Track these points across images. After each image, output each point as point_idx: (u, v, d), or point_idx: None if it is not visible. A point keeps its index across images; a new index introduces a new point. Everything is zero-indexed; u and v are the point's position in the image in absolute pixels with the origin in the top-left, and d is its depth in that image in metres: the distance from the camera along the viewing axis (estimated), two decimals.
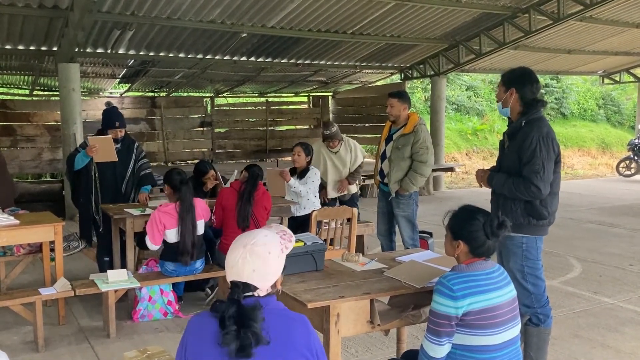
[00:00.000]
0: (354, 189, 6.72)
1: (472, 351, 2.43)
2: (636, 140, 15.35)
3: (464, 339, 2.43)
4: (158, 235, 4.63)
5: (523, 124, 3.39)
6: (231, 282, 1.86)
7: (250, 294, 1.84)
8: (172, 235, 4.65)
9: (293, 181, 5.81)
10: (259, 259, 1.85)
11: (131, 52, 9.86)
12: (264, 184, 5.45)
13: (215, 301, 1.85)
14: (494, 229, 2.50)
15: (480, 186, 3.67)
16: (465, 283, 2.41)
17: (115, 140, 5.40)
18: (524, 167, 3.32)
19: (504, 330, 2.45)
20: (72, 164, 5.40)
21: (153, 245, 4.66)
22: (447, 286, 2.41)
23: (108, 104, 5.83)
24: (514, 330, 2.51)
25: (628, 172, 15.39)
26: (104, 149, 5.26)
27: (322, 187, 6.37)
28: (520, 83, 3.43)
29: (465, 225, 2.55)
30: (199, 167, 6.07)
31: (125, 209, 5.10)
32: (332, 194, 6.52)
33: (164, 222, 4.62)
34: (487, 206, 3.32)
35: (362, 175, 7.06)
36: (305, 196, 5.90)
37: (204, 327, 1.83)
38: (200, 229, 4.79)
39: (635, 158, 15.21)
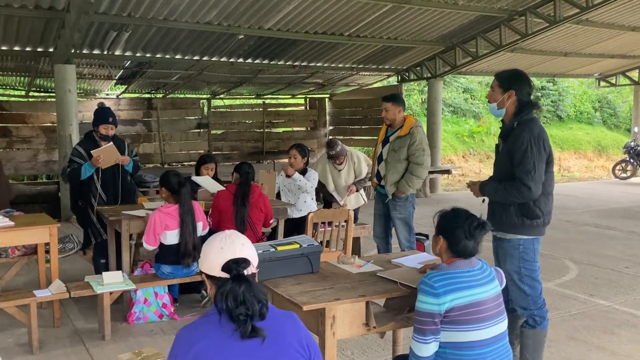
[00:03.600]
0: (364, 198, 6.77)
1: (461, 348, 2.48)
2: (632, 143, 15.40)
3: (452, 336, 2.48)
4: (153, 238, 4.61)
5: (515, 125, 3.41)
6: (226, 262, 1.85)
7: (248, 271, 1.87)
8: (172, 237, 4.64)
9: (297, 175, 5.83)
10: (243, 237, 1.95)
11: (128, 53, 9.84)
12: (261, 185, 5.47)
13: (215, 293, 1.84)
14: (472, 229, 2.57)
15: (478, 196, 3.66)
16: (447, 280, 2.48)
17: (106, 137, 5.41)
18: (515, 168, 3.34)
19: (491, 325, 2.50)
20: (77, 177, 5.38)
21: (148, 246, 4.64)
22: (428, 284, 2.49)
23: (101, 104, 5.85)
24: (501, 326, 2.56)
25: (624, 175, 15.44)
26: (109, 156, 5.32)
27: (329, 202, 6.40)
28: (518, 85, 3.44)
29: (447, 222, 2.65)
30: (203, 157, 6.19)
31: (124, 211, 5.08)
32: (350, 204, 6.53)
33: (166, 223, 4.59)
34: (480, 209, 3.33)
35: None
36: (306, 194, 5.91)
37: (202, 331, 1.81)
38: (199, 231, 4.78)
39: (631, 161, 15.25)
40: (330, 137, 6.19)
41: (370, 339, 4.29)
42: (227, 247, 1.88)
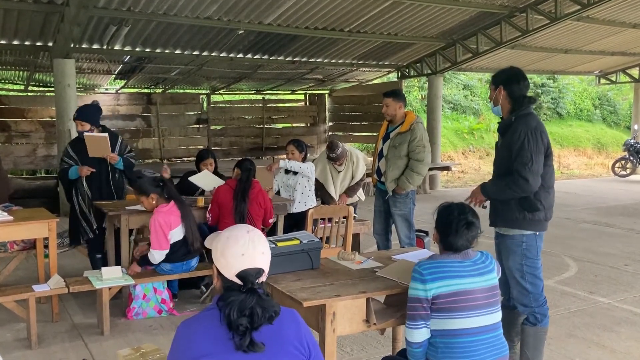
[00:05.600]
0: (362, 196, 6.76)
1: (450, 335, 2.54)
2: (631, 141, 15.39)
3: (440, 324, 2.55)
4: (165, 240, 4.54)
5: (513, 119, 3.43)
6: (241, 272, 1.81)
7: (260, 280, 1.83)
8: (177, 234, 4.60)
9: (283, 162, 5.83)
10: (264, 241, 1.89)
11: (127, 48, 9.80)
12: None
13: (219, 298, 1.80)
14: (459, 227, 2.63)
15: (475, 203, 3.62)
16: (435, 268, 2.57)
17: (80, 134, 5.34)
18: (513, 160, 3.36)
19: (480, 315, 2.56)
20: (65, 177, 5.42)
21: (161, 252, 4.54)
22: (418, 271, 2.59)
23: (94, 102, 5.82)
24: (493, 317, 2.61)
25: (623, 172, 15.43)
26: (99, 145, 5.26)
27: (326, 203, 6.38)
28: (507, 81, 3.49)
29: (440, 215, 2.74)
30: (201, 153, 6.18)
31: (126, 207, 5.06)
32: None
33: (170, 222, 4.56)
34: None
35: None
36: (304, 187, 5.90)
37: (202, 328, 1.79)
38: None
39: (631, 158, 15.24)
40: (331, 139, 6.19)
41: (370, 336, 4.28)
42: (248, 254, 1.82)
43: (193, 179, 5.69)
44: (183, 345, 1.79)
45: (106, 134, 5.32)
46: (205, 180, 5.67)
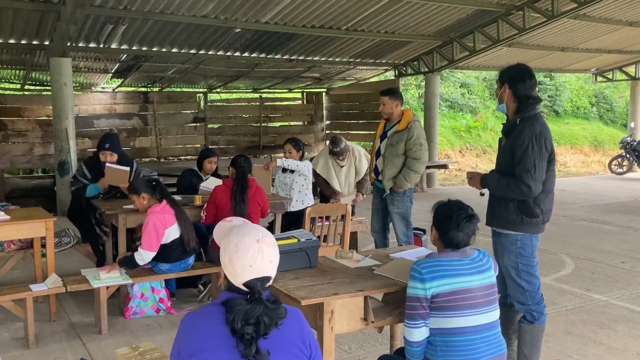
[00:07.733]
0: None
1: (449, 334, 2.54)
2: (628, 138, 15.42)
3: (440, 322, 2.55)
4: (156, 242, 4.50)
5: (518, 121, 3.38)
6: (248, 282, 1.79)
7: (266, 286, 1.83)
8: (173, 232, 4.59)
9: (281, 161, 5.83)
10: (274, 249, 1.86)
11: (124, 46, 9.79)
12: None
13: (225, 300, 1.79)
14: (460, 220, 2.63)
15: (472, 185, 3.65)
16: (434, 267, 2.57)
17: (104, 163, 5.32)
18: (516, 166, 3.32)
19: (479, 313, 2.56)
20: (82, 195, 5.38)
21: (149, 253, 4.49)
22: (417, 270, 2.57)
23: (111, 130, 5.84)
24: (491, 315, 2.61)
25: (620, 170, 15.46)
26: (117, 176, 5.28)
27: (326, 198, 6.36)
28: (513, 79, 3.44)
29: (439, 212, 2.73)
30: (205, 151, 6.18)
31: (124, 206, 5.07)
32: (346, 199, 6.49)
33: (164, 221, 4.55)
34: (478, 203, 3.33)
35: None
36: (302, 186, 5.89)
37: (206, 324, 1.79)
38: None
39: (627, 156, 15.27)
40: (334, 134, 6.31)
41: (367, 334, 4.28)
42: (256, 266, 1.80)
43: (205, 185, 5.67)
44: (186, 337, 1.79)
45: (127, 168, 5.30)
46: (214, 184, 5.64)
